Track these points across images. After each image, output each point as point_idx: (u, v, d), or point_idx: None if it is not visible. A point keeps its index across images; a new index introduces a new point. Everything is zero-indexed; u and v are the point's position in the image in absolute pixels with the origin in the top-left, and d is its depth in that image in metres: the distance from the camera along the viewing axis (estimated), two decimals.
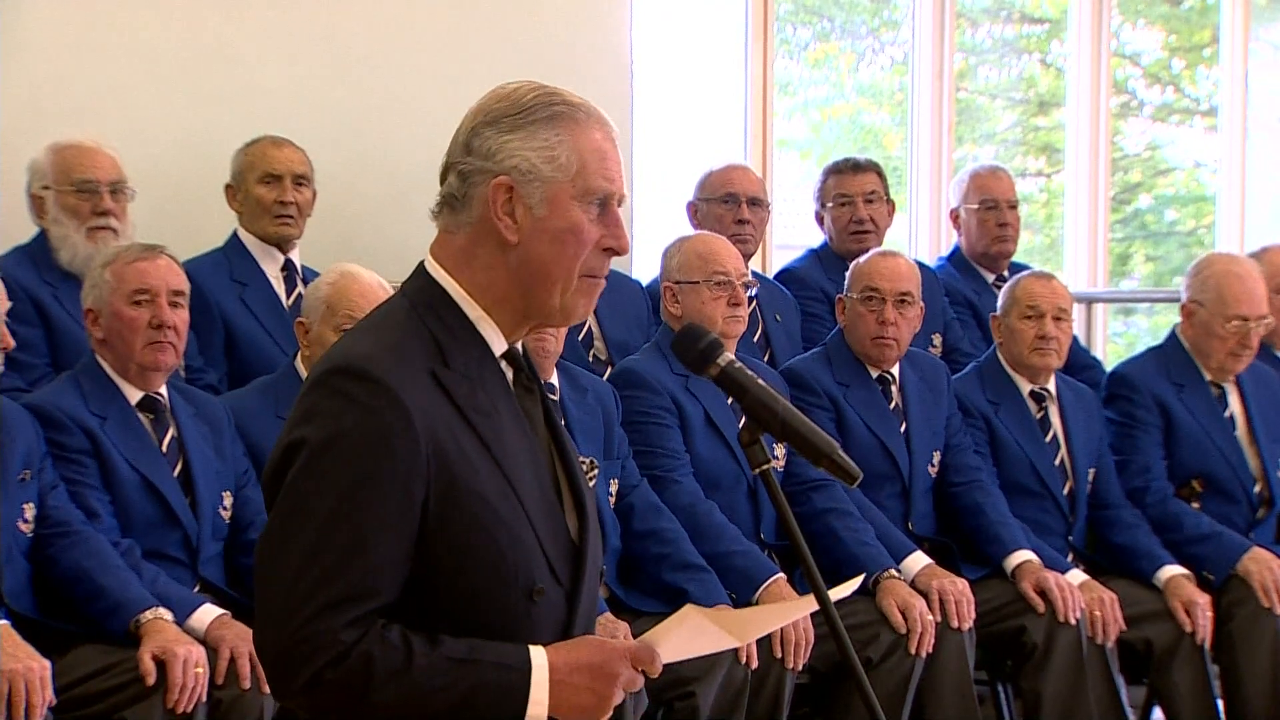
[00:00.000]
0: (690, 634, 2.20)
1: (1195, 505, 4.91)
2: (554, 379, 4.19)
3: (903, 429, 4.68)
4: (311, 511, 2.05)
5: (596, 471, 4.08)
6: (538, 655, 2.11)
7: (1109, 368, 5.46)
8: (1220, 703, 4.68)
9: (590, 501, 2.28)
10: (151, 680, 3.46)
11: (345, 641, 2.03)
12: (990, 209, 5.55)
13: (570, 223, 2.17)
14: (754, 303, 4.93)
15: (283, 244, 4.71)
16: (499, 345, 2.22)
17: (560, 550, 2.19)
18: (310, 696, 2.06)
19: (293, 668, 2.04)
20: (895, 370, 4.72)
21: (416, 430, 2.07)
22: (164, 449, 3.86)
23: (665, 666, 2.21)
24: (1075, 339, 5.35)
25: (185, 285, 3.94)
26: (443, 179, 2.23)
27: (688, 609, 2.17)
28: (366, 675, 2.03)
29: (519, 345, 2.27)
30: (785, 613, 2.67)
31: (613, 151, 2.21)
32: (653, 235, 5.61)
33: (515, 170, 2.16)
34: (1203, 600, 4.64)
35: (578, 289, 2.21)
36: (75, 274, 4.23)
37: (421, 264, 2.24)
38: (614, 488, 4.23)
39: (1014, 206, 5.60)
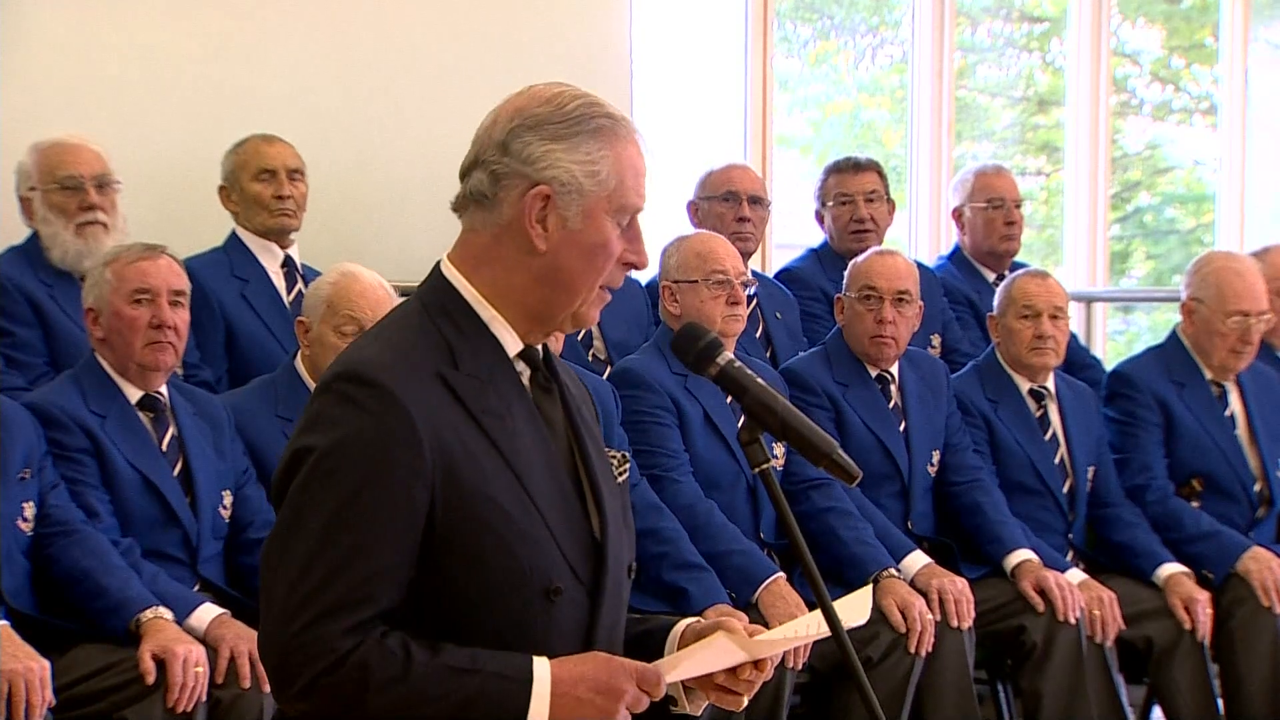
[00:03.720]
0: (708, 656, 2.19)
1: (1195, 504, 4.90)
2: None
3: (902, 428, 4.68)
4: (312, 518, 2.06)
5: (628, 466, 4.08)
6: (540, 666, 2.09)
7: (1109, 365, 5.46)
8: (1220, 701, 4.68)
9: (611, 498, 2.26)
10: (151, 679, 3.47)
11: (341, 649, 2.03)
12: (997, 207, 5.55)
13: (603, 238, 2.18)
14: (754, 300, 4.93)
15: (282, 236, 4.72)
16: (513, 346, 2.20)
17: (580, 548, 2.18)
18: (307, 702, 2.06)
19: (289, 673, 2.05)
20: (894, 369, 4.72)
21: (420, 434, 2.06)
22: (164, 448, 3.87)
23: None
24: (1075, 338, 5.35)
25: (186, 285, 3.94)
26: (465, 173, 2.20)
27: (718, 635, 2.17)
28: (362, 683, 2.03)
29: (539, 346, 2.25)
30: (802, 631, 2.64)
31: (644, 167, 2.22)
32: (652, 234, 5.60)
33: (555, 181, 2.14)
34: (1202, 598, 4.63)
35: (593, 300, 2.21)
36: (70, 273, 4.23)
37: (437, 265, 2.23)
38: None
39: (1019, 205, 5.61)
